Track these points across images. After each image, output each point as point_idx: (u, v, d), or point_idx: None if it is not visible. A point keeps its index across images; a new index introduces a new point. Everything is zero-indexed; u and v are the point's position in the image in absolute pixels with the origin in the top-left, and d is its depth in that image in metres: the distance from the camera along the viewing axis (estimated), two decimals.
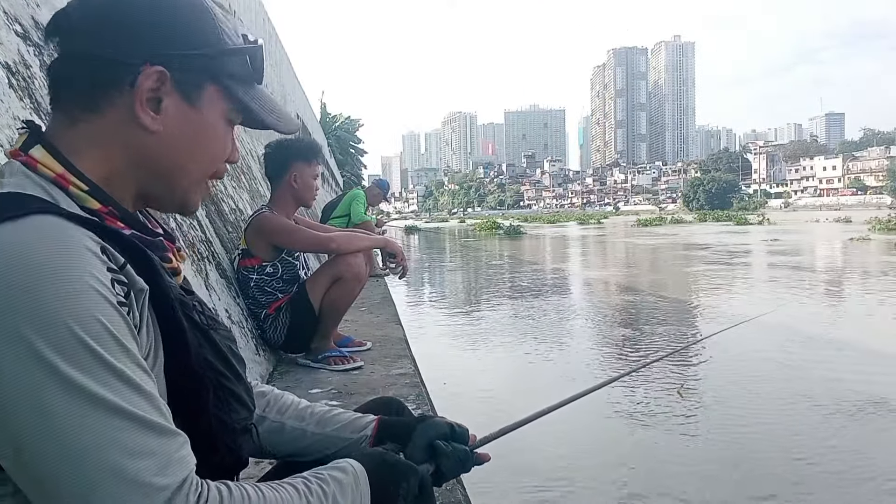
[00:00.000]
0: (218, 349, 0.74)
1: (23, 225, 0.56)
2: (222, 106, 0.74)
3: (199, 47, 0.70)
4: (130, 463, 0.54)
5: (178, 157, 0.72)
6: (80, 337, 0.54)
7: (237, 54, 0.73)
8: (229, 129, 0.77)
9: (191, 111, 0.71)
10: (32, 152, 0.65)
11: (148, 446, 0.56)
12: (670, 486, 3.22)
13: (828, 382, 4.95)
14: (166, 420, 0.60)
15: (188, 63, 0.69)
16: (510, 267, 16.10)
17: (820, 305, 8.85)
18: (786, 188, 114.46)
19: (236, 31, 0.75)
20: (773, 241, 22.43)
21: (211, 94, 0.72)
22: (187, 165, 0.73)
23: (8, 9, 1.93)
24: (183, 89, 0.70)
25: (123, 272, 0.61)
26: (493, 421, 1.07)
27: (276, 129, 0.79)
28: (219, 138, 0.75)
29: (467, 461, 0.96)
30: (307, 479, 0.74)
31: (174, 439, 0.59)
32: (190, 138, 0.72)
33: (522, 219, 62.80)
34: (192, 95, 0.71)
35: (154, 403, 0.59)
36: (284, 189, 3.01)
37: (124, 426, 0.55)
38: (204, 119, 0.72)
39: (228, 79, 0.73)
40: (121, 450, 0.54)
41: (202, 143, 0.73)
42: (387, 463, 0.83)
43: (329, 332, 3.05)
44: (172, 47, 0.68)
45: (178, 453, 0.59)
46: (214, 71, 0.72)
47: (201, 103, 0.72)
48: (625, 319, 7.98)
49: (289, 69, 14.41)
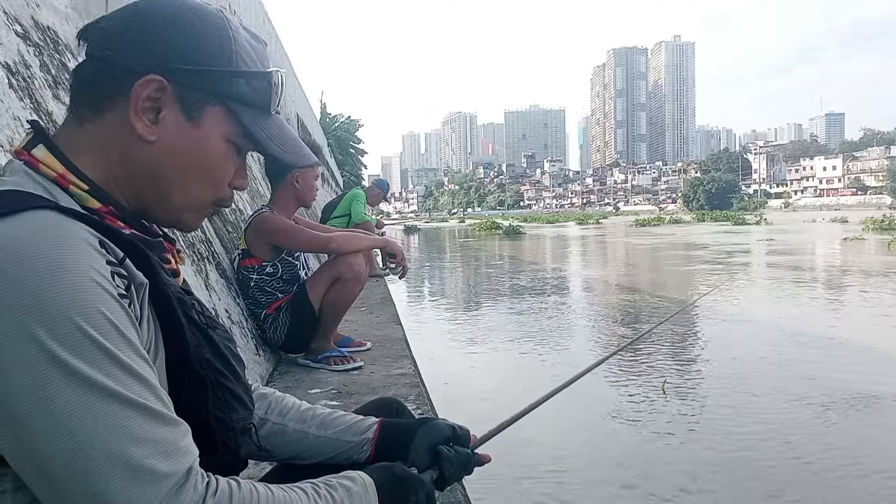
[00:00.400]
0: (217, 348, 0.74)
1: (20, 220, 0.57)
2: (226, 128, 0.73)
3: (206, 64, 0.69)
4: (136, 450, 0.55)
5: (169, 170, 0.71)
6: (82, 328, 0.54)
7: (247, 77, 0.72)
8: (232, 153, 0.75)
9: (188, 126, 0.70)
10: (34, 152, 0.66)
11: (153, 434, 0.57)
12: (668, 482, 3.22)
13: (812, 380, 4.99)
14: (169, 409, 0.60)
15: (192, 78, 0.69)
16: (510, 267, 16.14)
17: (815, 302, 8.91)
18: (786, 188, 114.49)
19: (258, 60, 0.74)
20: (770, 241, 22.53)
21: (214, 113, 0.71)
22: (180, 180, 0.72)
23: (8, 9, 1.93)
24: (184, 104, 0.70)
25: (123, 266, 0.62)
26: (492, 419, 1.07)
27: (282, 160, 0.76)
28: (217, 159, 0.73)
29: (469, 464, 0.96)
30: (316, 484, 0.74)
31: (178, 428, 0.60)
32: (184, 153, 0.71)
33: (522, 219, 63.69)
34: (193, 112, 0.70)
35: (157, 393, 0.59)
36: (286, 189, 3.02)
37: (129, 415, 0.55)
38: (202, 137, 0.71)
39: (235, 102, 0.72)
40: (126, 437, 0.55)
41: (197, 160, 0.72)
42: (395, 476, 0.83)
43: (329, 333, 3.05)
44: (178, 60, 0.69)
45: (182, 441, 0.59)
46: (221, 91, 0.71)
47: (201, 121, 0.71)
48: (622, 317, 8.00)
49: (289, 69, 14.41)
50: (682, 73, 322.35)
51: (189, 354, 0.69)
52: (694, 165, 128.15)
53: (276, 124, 0.76)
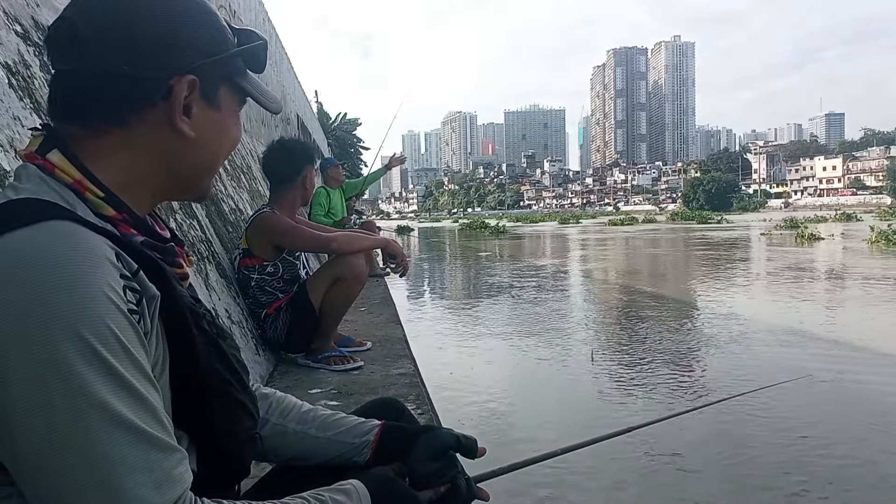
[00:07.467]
0: (225, 358, 0.74)
1: (39, 230, 0.56)
2: (234, 100, 0.77)
3: (218, 52, 0.72)
4: (128, 479, 0.54)
5: (207, 156, 0.76)
6: (90, 343, 0.54)
7: (245, 52, 0.76)
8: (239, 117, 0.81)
9: (212, 112, 0.74)
10: (50, 156, 0.65)
11: (147, 462, 0.56)
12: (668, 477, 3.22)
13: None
14: (168, 435, 0.59)
15: (211, 69, 0.72)
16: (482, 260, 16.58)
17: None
18: (786, 188, 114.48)
19: (229, 23, 0.78)
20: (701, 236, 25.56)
21: (224, 91, 0.75)
22: (213, 160, 0.77)
23: (8, 9, 1.93)
24: (204, 93, 0.72)
25: (136, 279, 0.61)
26: (489, 419, 1.06)
27: (266, 108, 0.82)
28: (236, 130, 0.79)
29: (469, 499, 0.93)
30: (306, 499, 0.73)
31: (173, 455, 0.59)
32: (216, 137, 0.76)
33: (514, 219, 68.94)
34: (212, 97, 0.74)
35: (157, 417, 0.58)
36: (296, 190, 3.05)
37: (126, 440, 0.55)
38: (223, 117, 0.76)
39: (238, 76, 0.77)
40: (121, 464, 0.54)
41: (225, 138, 0.77)
42: (394, 493, 0.82)
43: (329, 332, 3.05)
44: (195, 58, 0.70)
45: (175, 470, 0.59)
46: (228, 72, 0.75)
47: (219, 103, 0.75)
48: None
49: (289, 69, 14.42)
50: (682, 73, 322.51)
51: (199, 365, 0.68)
52: (694, 165, 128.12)
53: (256, 79, 0.81)
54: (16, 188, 0.63)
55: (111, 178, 0.67)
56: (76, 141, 0.67)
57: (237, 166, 5.48)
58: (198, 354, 0.68)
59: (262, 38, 0.78)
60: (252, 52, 0.77)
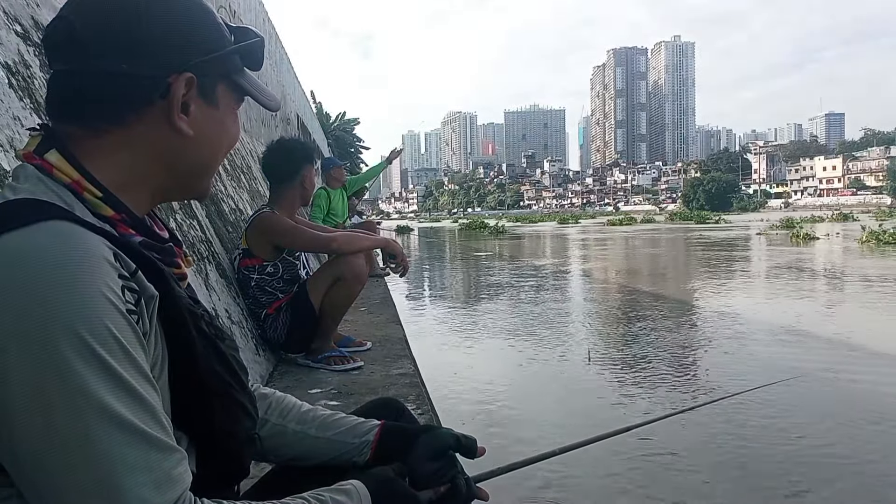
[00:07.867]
0: (224, 359, 0.74)
1: (37, 230, 0.56)
2: (232, 97, 0.77)
3: (215, 50, 0.72)
4: (128, 479, 0.54)
5: (206, 154, 0.75)
6: (89, 344, 0.54)
7: (242, 49, 0.76)
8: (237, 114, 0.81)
9: (211, 110, 0.74)
10: (48, 157, 0.65)
11: (147, 462, 0.56)
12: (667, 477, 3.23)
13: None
14: (167, 435, 0.59)
15: (208, 66, 0.72)
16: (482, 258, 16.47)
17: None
18: (786, 188, 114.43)
19: (226, 21, 0.78)
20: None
21: (222, 89, 0.75)
22: (213, 158, 0.77)
23: (8, 9, 1.93)
24: (202, 91, 0.72)
25: (135, 279, 0.61)
26: (488, 418, 1.06)
27: (263, 105, 0.82)
28: (234, 127, 0.79)
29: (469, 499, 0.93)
30: (306, 499, 0.73)
31: (172, 456, 0.59)
32: (215, 135, 0.75)
33: (514, 219, 69.09)
34: (209, 95, 0.73)
35: (156, 417, 0.58)
36: (295, 190, 3.05)
37: (126, 440, 0.55)
38: (222, 114, 0.75)
39: (235, 73, 0.77)
40: (120, 464, 0.54)
41: (224, 137, 0.77)
42: (394, 493, 0.82)
43: (329, 332, 3.05)
44: (193, 56, 0.70)
45: (175, 470, 0.59)
46: (226, 69, 0.75)
47: (217, 101, 0.74)
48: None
49: (289, 69, 14.42)
50: (681, 73, 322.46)
51: (198, 366, 0.68)
52: (694, 165, 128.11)
53: (253, 77, 0.81)
54: (14, 188, 0.63)
55: (110, 177, 0.67)
56: (75, 141, 0.67)
57: (237, 166, 5.48)
58: (197, 355, 0.68)
59: (259, 35, 0.78)
60: (249, 50, 0.76)
